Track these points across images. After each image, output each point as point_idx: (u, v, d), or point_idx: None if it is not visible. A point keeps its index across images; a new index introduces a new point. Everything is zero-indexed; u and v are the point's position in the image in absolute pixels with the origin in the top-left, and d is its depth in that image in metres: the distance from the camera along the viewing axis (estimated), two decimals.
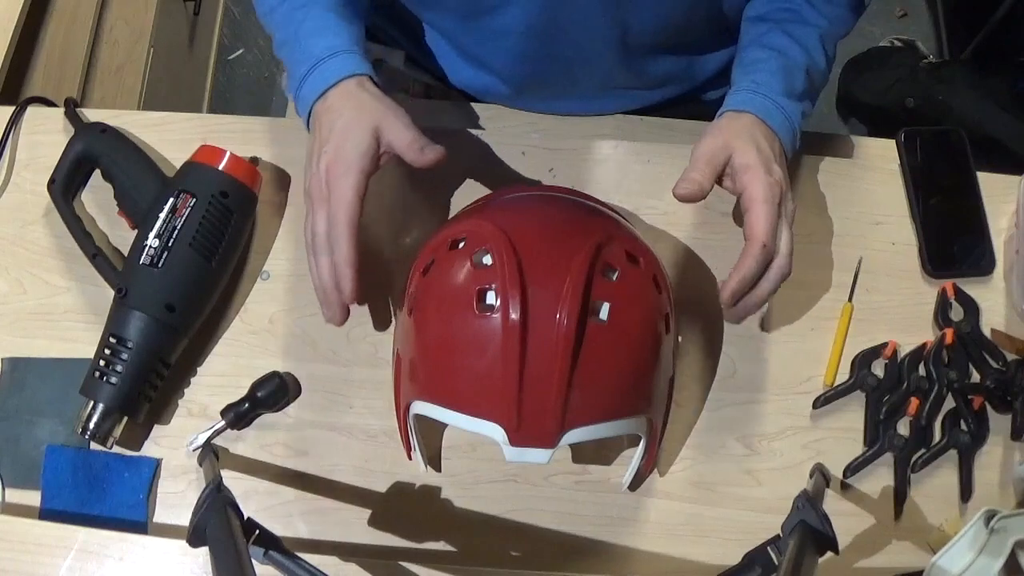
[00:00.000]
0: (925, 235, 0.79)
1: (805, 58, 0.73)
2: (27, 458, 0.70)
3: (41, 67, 1.11)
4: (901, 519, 0.71)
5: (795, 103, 0.71)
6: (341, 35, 0.69)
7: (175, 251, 0.70)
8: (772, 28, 0.74)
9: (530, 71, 0.79)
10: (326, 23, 0.69)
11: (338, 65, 0.67)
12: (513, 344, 0.56)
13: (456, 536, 0.70)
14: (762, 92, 0.70)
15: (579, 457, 0.72)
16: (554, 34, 0.75)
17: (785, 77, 0.71)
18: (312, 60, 0.68)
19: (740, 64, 0.75)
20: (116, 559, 0.65)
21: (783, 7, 0.76)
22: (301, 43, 0.69)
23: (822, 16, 0.75)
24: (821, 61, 0.75)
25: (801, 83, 0.72)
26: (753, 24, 0.77)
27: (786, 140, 0.70)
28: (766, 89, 0.70)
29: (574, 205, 0.68)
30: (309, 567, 0.55)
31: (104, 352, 0.68)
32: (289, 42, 0.70)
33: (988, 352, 0.75)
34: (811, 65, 0.73)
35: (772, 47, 0.73)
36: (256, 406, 0.71)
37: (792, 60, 0.72)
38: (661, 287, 0.64)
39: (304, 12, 0.70)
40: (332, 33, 0.69)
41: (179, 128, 0.81)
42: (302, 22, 0.70)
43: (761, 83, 0.70)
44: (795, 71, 0.72)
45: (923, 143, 0.82)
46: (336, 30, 0.69)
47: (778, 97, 0.70)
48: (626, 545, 0.70)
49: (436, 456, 0.72)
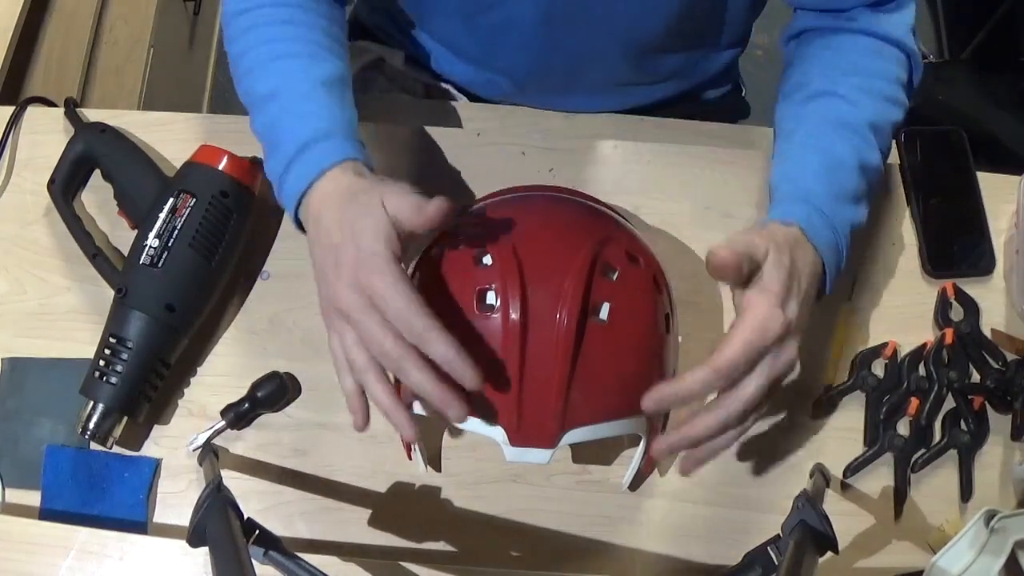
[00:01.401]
0: (925, 235, 0.79)
1: (854, 153, 0.63)
2: (27, 458, 0.70)
3: (41, 67, 1.11)
4: (901, 519, 0.71)
5: (844, 207, 0.62)
6: (328, 118, 0.62)
7: (175, 251, 0.70)
8: (815, 123, 0.65)
9: (533, 66, 0.79)
10: (309, 103, 0.63)
11: (327, 151, 0.60)
12: (513, 344, 0.56)
13: (456, 536, 0.70)
14: (806, 199, 0.61)
15: (579, 457, 0.72)
16: (558, 27, 0.74)
17: (830, 177, 0.62)
18: (296, 145, 0.61)
19: (779, 162, 0.66)
20: (116, 559, 0.65)
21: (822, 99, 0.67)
22: (283, 124, 0.62)
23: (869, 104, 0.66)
24: (874, 157, 0.65)
25: (854, 183, 0.63)
26: (790, 118, 0.68)
27: (828, 257, 0.60)
28: (810, 194, 0.61)
29: (574, 205, 0.68)
30: (309, 567, 0.56)
31: (104, 352, 0.68)
32: (269, 125, 0.64)
33: (988, 352, 0.75)
34: (863, 162, 0.64)
35: (819, 148, 0.64)
36: (256, 406, 0.71)
37: (839, 159, 0.63)
38: (661, 287, 0.64)
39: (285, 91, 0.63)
40: (317, 115, 0.62)
41: (179, 128, 0.81)
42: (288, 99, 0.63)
43: (804, 186, 0.62)
44: (844, 170, 0.63)
45: (923, 143, 0.82)
46: (320, 112, 0.62)
47: (824, 202, 0.61)
48: (626, 545, 0.70)
49: (436, 456, 0.72)
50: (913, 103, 0.71)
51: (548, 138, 0.82)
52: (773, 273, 0.56)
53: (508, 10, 0.73)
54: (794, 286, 0.56)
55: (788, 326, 0.55)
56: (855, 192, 0.63)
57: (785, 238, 0.58)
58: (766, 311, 0.54)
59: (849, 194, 0.63)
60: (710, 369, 0.54)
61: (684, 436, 0.56)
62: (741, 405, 0.55)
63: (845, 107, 0.66)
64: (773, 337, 0.54)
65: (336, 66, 0.66)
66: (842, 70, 0.68)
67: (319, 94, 0.63)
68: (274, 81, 0.64)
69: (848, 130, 0.65)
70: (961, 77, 1.59)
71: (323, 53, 0.66)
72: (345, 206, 0.57)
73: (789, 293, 0.56)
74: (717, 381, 0.54)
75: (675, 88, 0.88)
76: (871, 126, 0.65)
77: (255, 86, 0.65)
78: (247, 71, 0.67)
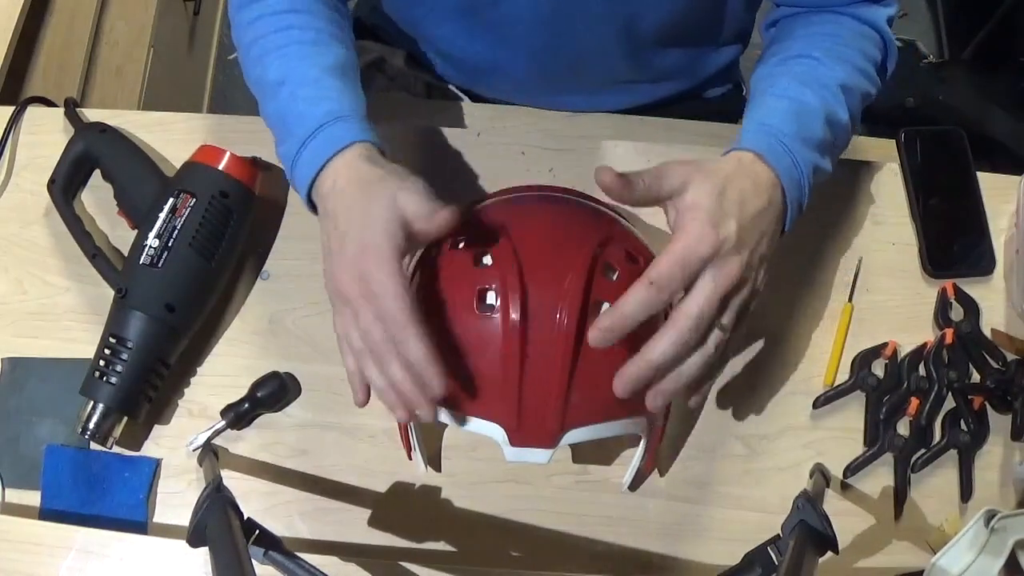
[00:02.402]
0: (925, 235, 0.79)
1: (823, 105, 0.63)
2: (27, 458, 0.70)
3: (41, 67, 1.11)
4: (901, 519, 0.71)
5: (809, 150, 0.61)
6: (338, 100, 0.62)
7: (175, 251, 0.70)
8: (787, 79, 0.66)
9: (533, 64, 0.79)
10: (320, 88, 0.63)
11: (339, 133, 0.60)
12: (513, 344, 0.56)
13: (456, 536, 0.70)
14: (770, 132, 0.61)
15: (579, 457, 0.72)
16: (559, 25, 0.74)
17: (798, 121, 0.62)
18: (309, 128, 0.61)
19: (749, 111, 0.66)
20: (116, 559, 0.65)
21: (796, 60, 0.68)
22: (295, 109, 0.63)
23: (840, 68, 0.66)
24: (843, 114, 0.65)
25: (819, 131, 0.62)
26: (763, 78, 0.69)
27: (789, 188, 0.60)
28: (776, 130, 0.61)
29: (574, 205, 0.68)
30: (309, 567, 0.55)
31: (104, 352, 0.68)
32: (280, 110, 0.64)
33: (988, 352, 0.75)
34: (831, 115, 0.64)
35: (787, 96, 0.64)
36: (256, 406, 0.71)
37: (807, 106, 0.63)
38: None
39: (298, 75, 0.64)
40: (328, 98, 0.62)
41: (179, 128, 0.81)
42: (298, 85, 0.64)
43: (771, 125, 0.61)
44: (811, 116, 0.63)
45: (923, 143, 0.82)
46: (331, 95, 0.63)
47: (788, 139, 0.60)
48: (626, 545, 0.70)
49: (436, 456, 0.72)
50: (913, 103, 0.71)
51: (548, 138, 0.82)
52: (700, 194, 0.55)
53: (508, 8, 0.73)
54: (731, 207, 0.56)
55: (722, 242, 0.54)
56: (821, 140, 0.63)
57: (725, 165, 0.59)
58: (696, 228, 0.54)
59: (815, 140, 0.62)
60: (644, 281, 0.53)
61: (642, 358, 0.54)
62: (690, 322, 0.54)
63: (819, 67, 0.66)
64: (707, 250, 0.54)
65: (343, 53, 0.67)
66: (819, 37, 0.69)
67: (329, 79, 0.64)
68: (283, 68, 0.65)
69: (819, 85, 0.64)
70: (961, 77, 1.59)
71: (330, 40, 0.67)
72: (357, 194, 0.58)
73: (723, 212, 0.55)
74: (655, 296, 0.53)
75: (676, 87, 0.88)
76: (842, 87, 0.65)
77: (265, 74, 0.66)
78: (256, 60, 0.67)
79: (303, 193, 0.62)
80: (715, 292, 0.54)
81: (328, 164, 0.60)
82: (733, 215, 0.56)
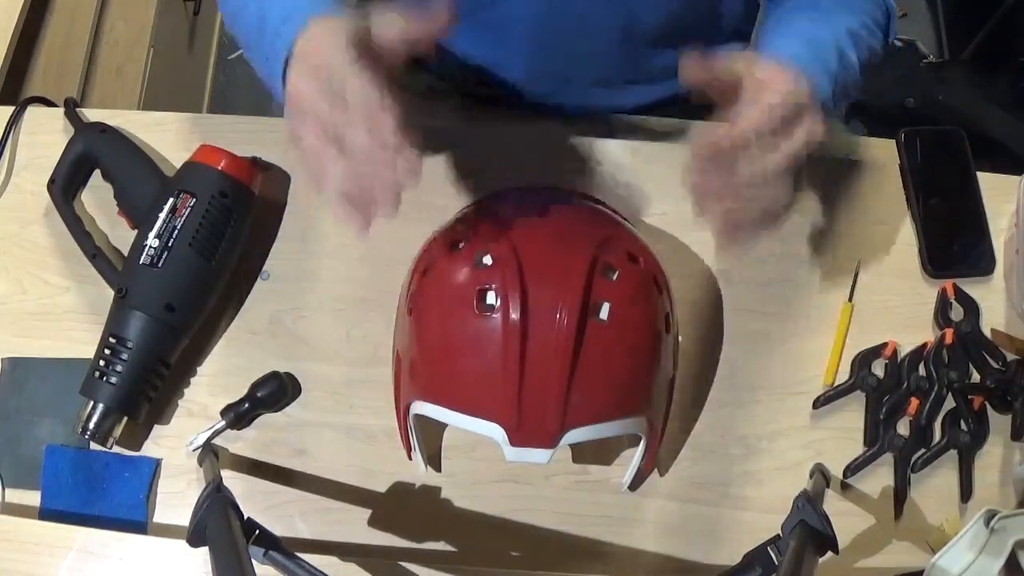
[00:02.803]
0: (925, 235, 0.79)
1: (834, 40, 0.64)
2: (27, 458, 0.70)
3: (41, 67, 1.11)
4: (901, 519, 0.71)
5: (828, 66, 0.62)
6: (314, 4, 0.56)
7: (175, 251, 0.70)
8: (798, 22, 0.67)
9: (532, 65, 0.79)
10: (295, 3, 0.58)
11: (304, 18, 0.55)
12: (513, 344, 0.56)
13: (456, 536, 0.70)
14: (788, 56, 0.60)
15: (579, 457, 0.72)
16: (557, 26, 0.74)
17: (813, 50, 0.62)
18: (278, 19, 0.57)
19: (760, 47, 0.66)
20: (116, 559, 0.65)
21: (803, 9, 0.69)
22: (268, 23, 0.58)
23: (849, 16, 0.68)
24: (852, 55, 0.65)
25: (833, 63, 0.63)
26: (772, 25, 0.70)
27: (823, 89, 0.60)
28: (795, 56, 0.60)
29: (574, 205, 0.68)
30: (309, 567, 0.56)
31: (104, 352, 0.68)
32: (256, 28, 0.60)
33: (988, 352, 0.75)
34: (842, 52, 0.64)
35: (799, 35, 0.64)
36: (256, 406, 0.71)
37: (821, 39, 0.64)
38: (661, 287, 0.64)
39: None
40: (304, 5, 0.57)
41: (179, 128, 0.81)
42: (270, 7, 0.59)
43: (790, 48, 0.62)
44: (824, 49, 0.63)
45: (923, 143, 0.82)
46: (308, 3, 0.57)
47: (809, 54, 0.61)
48: (626, 545, 0.70)
49: (436, 456, 0.72)
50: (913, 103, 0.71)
51: (547, 138, 0.82)
52: (773, 63, 0.56)
53: (506, 9, 0.73)
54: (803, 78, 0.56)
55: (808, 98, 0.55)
56: (835, 71, 0.62)
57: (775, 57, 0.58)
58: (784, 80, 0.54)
59: (831, 70, 0.62)
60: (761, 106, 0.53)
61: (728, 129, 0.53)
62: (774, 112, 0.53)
63: (827, 15, 0.66)
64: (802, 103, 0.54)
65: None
66: None
67: None
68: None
69: (829, 26, 0.65)
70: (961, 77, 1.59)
71: None
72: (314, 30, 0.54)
73: (799, 77, 0.55)
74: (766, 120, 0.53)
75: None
76: (850, 32, 0.66)
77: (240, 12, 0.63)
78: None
79: (278, 88, 0.57)
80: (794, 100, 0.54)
81: (298, 40, 0.55)
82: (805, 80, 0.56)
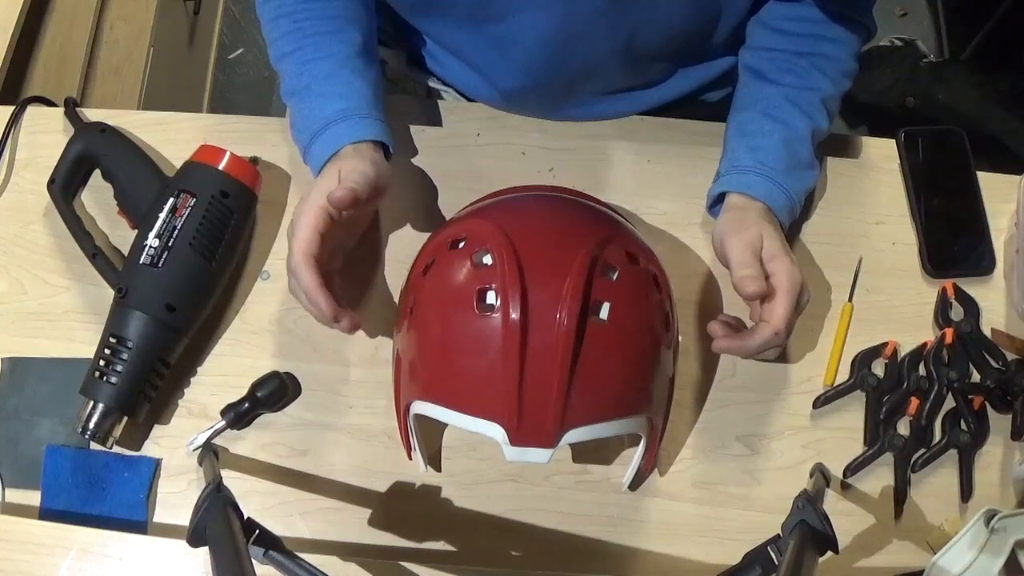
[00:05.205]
0: (925, 235, 0.79)
1: (809, 125, 0.74)
2: (27, 458, 0.70)
3: (41, 67, 1.11)
4: (901, 519, 0.71)
5: (798, 181, 0.74)
6: (351, 97, 0.71)
7: (175, 251, 0.70)
8: (775, 94, 0.75)
9: (532, 83, 0.79)
10: (338, 82, 0.72)
11: (347, 129, 0.70)
12: (513, 344, 0.56)
13: (456, 536, 0.70)
14: (768, 175, 0.72)
15: (579, 457, 0.72)
16: (561, 47, 0.74)
17: (788, 150, 0.73)
18: (322, 121, 0.71)
19: (741, 131, 0.75)
20: (116, 559, 0.65)
21: (783, 67, 0.76)
22: (312, 99, 0.72)
23: (825, 78, 0.76)
24: (824, 123, 0.76)
25: (806, 154, 0.74)
26: (753, 80, 0.78)
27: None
28: (771, 172, 0.72)
29: (574, 205, 0.68)
30: (309, 567, 0.55)
31: (104, 352, 0.68)
32: (299, 93, 0.73)
33: (988, 352, 0.75)
34: (816, 129, 0.75)
35: (776, 118, 0.74)
36: (256, 406, 0.71)
37: (797, 131, 0.74)
38: (661, 287, 0.64)
39: (315, 66, 0.73)
40: (342, 96, 0.71)
41: (179, 128, 0.81)
42: (314, 77, 0.72)
43: (767, 163, 0.72)
44: (800, 143, 0.74)
45: (923, 143, 0.82)
46: (346, 92, 0.71)
47: (782, 178, 0.72)
48: (626, 545, 0.70)
49: (436, 456, 0.72)
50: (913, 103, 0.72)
51: (548, 138, 0.82)
52: (774, 242, 0.69)
53: (512, 25, 0.73)
54: (786, 244, 0.70)
55: (801, 276, 0.68)
56: (807, 160, 0.75)
57: (759, 212, 0.71)
58: (788, 268, 0.67)
59: (802, 163, 0.74)
60: (771, 330, 0.66)
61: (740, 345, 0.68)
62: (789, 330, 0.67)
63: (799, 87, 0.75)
64: (799, 286, 0.68)
65: (357, 38, 0.74)
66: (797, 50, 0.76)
67: (341, 74, 0.72)
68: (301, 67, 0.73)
69: (802, 105, 0.75)
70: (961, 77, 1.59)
71: (345, 25, 0.74)
72: None
73: (789, 252, 0.69)
74: (780, 338, 0.67)
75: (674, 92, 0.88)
76: (823, 101, 0.76)
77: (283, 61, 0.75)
78: (274, 41, 0.76)
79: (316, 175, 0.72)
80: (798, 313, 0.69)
81: (329, 160, 0.70)
82: (786, 251, 0.69)
